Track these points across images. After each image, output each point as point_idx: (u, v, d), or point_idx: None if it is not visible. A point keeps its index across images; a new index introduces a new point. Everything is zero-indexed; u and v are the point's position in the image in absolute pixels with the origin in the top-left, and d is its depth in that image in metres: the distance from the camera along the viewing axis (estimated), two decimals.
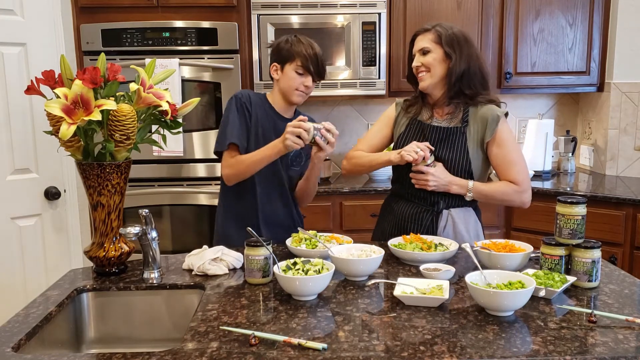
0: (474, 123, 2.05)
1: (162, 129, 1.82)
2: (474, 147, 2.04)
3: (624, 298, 1.51)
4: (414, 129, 2.13)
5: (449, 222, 2.06)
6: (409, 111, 2.17)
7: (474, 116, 2.05)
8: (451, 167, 2.03)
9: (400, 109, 2.21)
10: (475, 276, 1.49)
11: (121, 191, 1.73)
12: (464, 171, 2.03)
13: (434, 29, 2.07)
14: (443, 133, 2.06)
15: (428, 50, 2.06)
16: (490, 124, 2.02)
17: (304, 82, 2.12)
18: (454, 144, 2.04)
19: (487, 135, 2.03)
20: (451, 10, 3.36)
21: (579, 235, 1.61)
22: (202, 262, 1.73)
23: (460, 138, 2.04)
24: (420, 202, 2.08)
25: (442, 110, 2.11)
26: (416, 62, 2.09)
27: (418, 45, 2.09)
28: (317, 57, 2.11)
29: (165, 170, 3.20)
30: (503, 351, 1.21)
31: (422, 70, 2.07)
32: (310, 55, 2.10)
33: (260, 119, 2.15)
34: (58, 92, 1.57)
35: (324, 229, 2.39)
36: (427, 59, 2.06)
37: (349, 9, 3.27)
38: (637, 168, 3.45)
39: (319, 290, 1.54)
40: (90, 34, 3.10)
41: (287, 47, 2.12)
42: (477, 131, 2.04)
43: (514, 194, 2.04)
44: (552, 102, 3.88)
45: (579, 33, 3.43)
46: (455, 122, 2.07)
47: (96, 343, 1.68)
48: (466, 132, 2.05)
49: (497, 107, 2.06)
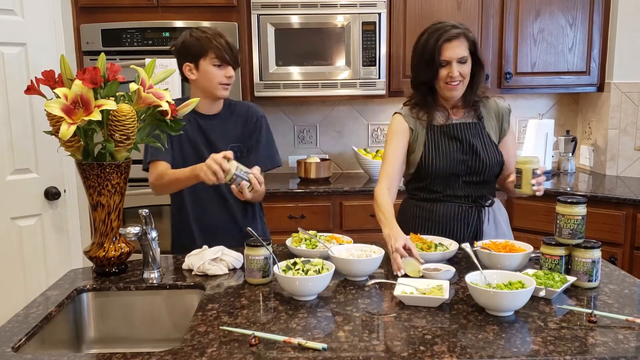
0: (488, 117, 2.09)
1: (162, 129, 1.81)
2: (495, 139, 2.09)
3: (624, 298, 1.51)
4: (435, 134, 2.06)
5: (491, 216, 2.09)
6: (423, 119, 2.08)
7: (485, 110, 2.10)
8: (489, 162, 2.04)
9: (412, 119, 2.09)
10: (475, 276, 1.49)
11: (121, 191, 1.73)
12: (498, 164, 2.06)
13: (463, 34, 1.96)
14: (472, 129, 2.07)
15: (467, 60, 1.97)
16: (506, 116, 2.11)
17: (225, 74, 2.02)
18: (483, 139, 2.06)
19: (505, 128, 2.11)
20: (451, 10, 3.36)
21: (579, 235, 1.61)
22: (202, 262, 1.73)
23: (484, 132, 2.07)
24: (461, 201, 2.07)
25: (457, 111, 2.10)
26: (455, 71, 1.95)
27: (455, 52, 1.95)
28: (229, 45, 2.01)
29: None
30: (503, 351, 1.21)
31: (458, 81, 1.97)
32: (223, 45, 1.99)
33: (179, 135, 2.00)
34: (58, 92, 1.57)
35: (324, 229, 2.39)
36: (465, 68, 1.97)
37: (349, 9, 3.27)
38: (637, 168, 3.45)
39: (319, 290, 1.54)
40: (90, 34, 3.10)
41: (194, 43, 2.00)
42: (493, 125, 2.09)
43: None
44: (552, 102, 3.88)
45: (579, 33, 3.43)
46: (471, 118, 2.09)
47: (96, 343, 1.68)
48: (486, 126, 2.08)
49: (498, 100, 2.15)
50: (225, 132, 2.11)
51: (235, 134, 2.13)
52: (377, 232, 2.33)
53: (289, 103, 3.74)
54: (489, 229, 2.08)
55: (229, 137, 2.11)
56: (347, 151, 3.84)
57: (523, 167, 1.84)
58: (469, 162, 2.03)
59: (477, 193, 2.07)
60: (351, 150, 3.77)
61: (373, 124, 3.84)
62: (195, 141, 2.08)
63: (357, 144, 3.81)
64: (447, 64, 1.96)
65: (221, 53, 1.99)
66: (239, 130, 2.14)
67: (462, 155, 2.03)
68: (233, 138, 2.12)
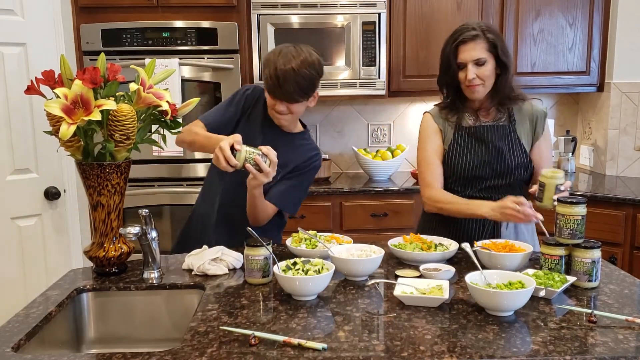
0: (522, 121, 2.05)
1: (162, 129, 1.81)
2: (527, 144, 2.05)
3: (624, 298, 1.51)
4: (463, 135, 2.05)
5: (510, 224, 2.03)
6: (452, 120, 2.07)
7: (520, 114, 2.06)
8: (515, 165, 2.01)
9: (441, 120, 2.09)
10: (475, 276, 1.49)
11: (121, 191, 1.73)
12: (526, 168, 2.03)
13: (483, 34, 1.94)
14: (499, 131, 2.03)
15: (485, 61, 1.94)
16: (541, 120, 2.06)
17: (274, 106, 1.94)
18: (511, 142, 2.03)
19: (539, 132, 2.05)
20: (451, 10, 3.36)
21: (579, 235, 1.61)
22: (202, 262, 1.73)
23: (514, 135, 2.03)
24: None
25: (487, 113, 2.07)
26: (471, 74, 1.93)
27: (471, 54, 1.93)
28: (278, 77, 1.85)
29: (165, 170, 3.20)
30: (503, 351, 1.21)
31: (477, 84, 1.95)
32: (271, 76, 1.86)
33: (254, 116, 2.04)
34: (58, 92, 1.57)
35: (324, 229, 2.39)
36: (484, 71, 1.94)
37: (349, 9, 3.27)
38: (637, 168, 3.45)
39: (319, 290, 1.54)
40: (90, 34, 3.10)
41: (265, 63, 1.92)
42: (526, 128, 2.05)
43: None
44: (552, 102, 3.88)
45: (579, 33, 3.43)
46: (503, 121, 2.05)
47: (96, 343, 1.68)
48: (517, 130, 2.04)
49: (536, 103, 2.09)
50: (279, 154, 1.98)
51: (285, 161, 2.01)
52: (377, 232, 2.34)
53: None
54: (508, 234, 2.02)
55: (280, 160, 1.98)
56: (347, 151, 3.84)
57: (548, 181, 1.78)
58: (494, 165, 2.01)
59: (498, 196, 1.97)
60: (351, 150, 3.77)
61: (373, 124, 3.84)
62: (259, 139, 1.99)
63: (357, 144, 3.81)
64: (464, 66, 1.95)
65: (267, 84, 1.90)
66: (288, 160, 2.03)
67: (488, 158, 2.01)
68: (281, 162, 1.98)
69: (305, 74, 1.87)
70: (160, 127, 1.81)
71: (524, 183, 2.07)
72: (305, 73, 1.87)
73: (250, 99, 2.06)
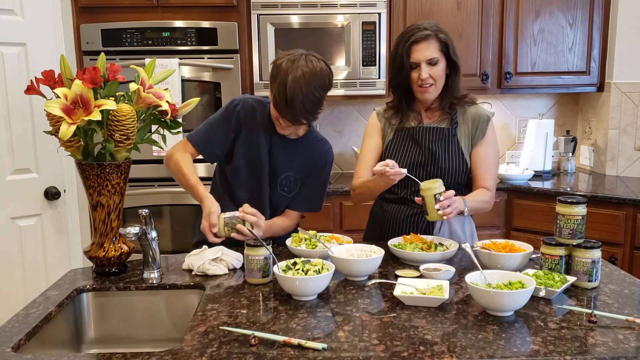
0: (464, 124, 2.04)
1: (162, 129, 1.82)
2: (466, 147, 2.03)
3: (624, 298, 1.51)
4: (402, 136, 2.08)
5: (444, 224, 2.05)
6: (393, 122, 2.10)
7: (463, 117, 2.05)
8: (449, 168, 2.01)
9: (383, 119, 2.13)
10: (475, 276, 1.49)
11: (121, 191, 1.73)
12: (461, 172, 2.03)
13: (435, 34, 1.94)
14: (436, 133, 2.03)
15: (437, 61, 1.94)
16: (482, 124, 2.03)
17: (279, 119, 1.89)
18: (447, 145, 2.02)
19: (478, 136, 2.03)
20: (451, 10, 3.36)
21: (579, 235, 1.61)
22: (202, 262, 1.73)
23: (453, 139, 2.03)
24: (415, 205, 2.03)
25: (431, 114, 2.08)
26: (424, 73, 1.94)
27: (423, 53, 1.93)
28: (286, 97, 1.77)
29: (165, 170, 3.18)
30: (503, 351, 1.21)
31: (429, 83, 1.96)
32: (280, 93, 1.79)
33: (254, 129, 1.98)
34: (58, 92, 1.57)
35: (324, 229, 2.39)
36: (436, 70, 1.94)
37: (349, 9, 3.27)
38: (637, 168, 3.45)
39: (319, 290, 1.54)
40: (90, 34, 3.10)
41: (274, 74, 1.84)
42: (467, 132, 2.04)
43: (490, 201, 2.03)
44: (552, 102, 3.88)
45: (579, 33, 3.43)
46: (445, 123, 2.05)
47: (96, 343, 1.68)
48: (457, 133, 2.03)
49: (483, 107, 2.08)
50: (288, 161, 2.02)
51: (297, 166, 2.03)
52: None
53: None
54: (441, 235, 2.01)
55: (290, 166, 2.02)
56: (347, 151, 3.84)
57: (425, 194, 1.78)
58: (428, 167, 2.01)
59: None
60: (351, 150, 3.77)
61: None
62: (260, 153, 1.98)
63: (357, 144, 3.81)
64: (417, 66, 1.96)
65: (275, 102, 1.84)
66: (301, 164, 2.04)
67: (421, 159, 2.02)
68: (293, 168, 2.03)
69: (315, 96, 1.80)
70: (160, 127, 1.81)
71: (462, 186, 2.05)
72: (314, 95, 1.80)
73: (242, 114, 1.98)
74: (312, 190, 2.08)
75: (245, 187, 2.02)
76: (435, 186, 1.78)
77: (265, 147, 1.99)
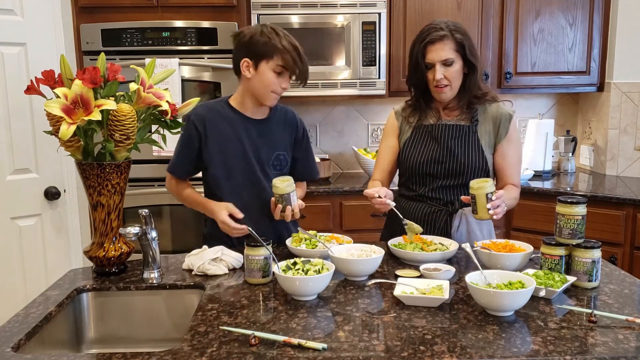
0: (485, 122, 2.03)
1: (162, 129, 1.81)
2: (486, 145, 2.02)
3: (624, 298, 1.51)
4: (420, 133, 2.07)
5: (462, 222, 2.02)
6: (411, 120, 2.09)
7: (484, 115, 2.04)
8: (468, 165, 1.99)
9: (400, 118, 2.13)
10: (475, 276, 1.49)
11: (121, 191, 1.73)
12: (481, 170, 2.01)
13: (451, 34, 1.93)
14: (455, 130, 2.02)
15: (452, 62, 1.94)
16: (504, 122, 2.02)
17: (281, 83, 1.90)
18: (467, 142, 2.01)
19: (501, 134, 2.02)
20: (451, 10, 3.36)
21: (579, 235, 1.61)
22: (202, 262, 1.73)
23: (473, 136, 2.01)
24: (433, 203, 2.03)
25: (450, 112, 2.07)
26: (439, 74, 1.93)
27: (438, 54, 1.92)
28: (299, 54, 1.86)
29: (165, 170, 3.19)
30: (503, 351, 1.21)
31: (444, 84, 1.95)
32: (292, 52, 1.84)
33: (221, 131, 1.98)
34: (58, 92, 1.57)
35: (324, 229, 2.39)
36: (451, 71, 1.94)
37: (349, 9, 3.27)
38: (637, 168, 3.45)
39: (319, 290, 1.54)
40: (90, 33, 3.10)
41: (263, 41, 1.83)
42: (489, 130, 2.03)
43: (517, 198, 2.04)
44: (552, 102, 3.88)
45: (579, 33, 3.43)
46: (464, 121, 2.04)
47: (96, 343, 1.68)
48: (477, 130, 2.02)
49: (503, 105, 2.07)
50: (271, 140, 2.03)
51: (281, 143, 2.06)
52: (377, 232, 2.34)
53: (288, 103, 3.72)
54: (459, 237, 2.00)
55: (275, 145, 2.04)
56: (347, 151, 3.84)
57: (476, 192, 1.78)
58: (446, 164, 2.00)
59: (449, 197, 2.01)
60: (351, 150, 3.77)
61: (373, 124, 3.84)
62: (242, 142, 1.98)
63: (357, 144, 3.81)
64: (432, 66, 1.95)
65: (290, 60, 1.84)
66: (285, 139, 2.07)
67: (438, 156, 2.01)
68: (279, 146, 2.05)
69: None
70: (160, 127, 1.81)
71: None
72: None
73: (199, 120, 1.98)
74: (308, 158, 2.17)
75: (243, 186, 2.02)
76: (487, 185, 1.78)
77: (241, 140, 2.00)
